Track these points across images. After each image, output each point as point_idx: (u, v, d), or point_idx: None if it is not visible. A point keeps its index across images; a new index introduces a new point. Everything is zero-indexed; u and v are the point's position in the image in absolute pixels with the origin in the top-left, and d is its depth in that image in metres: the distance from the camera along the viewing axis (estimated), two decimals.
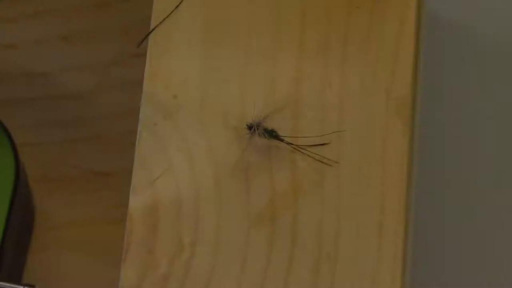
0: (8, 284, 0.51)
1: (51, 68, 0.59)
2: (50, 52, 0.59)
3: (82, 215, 0.57)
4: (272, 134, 0.46)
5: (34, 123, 0.56)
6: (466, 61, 0.61)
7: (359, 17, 0.47)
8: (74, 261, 0.56)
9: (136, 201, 0.45)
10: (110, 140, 0.52)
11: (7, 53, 0.59)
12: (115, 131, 0.53)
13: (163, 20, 0.47)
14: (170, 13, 0.47)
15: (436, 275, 0.61)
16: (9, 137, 0.53)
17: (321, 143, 0.45)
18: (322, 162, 0.45)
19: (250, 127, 0.46)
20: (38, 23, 0.60)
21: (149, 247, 0.44)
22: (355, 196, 0.45)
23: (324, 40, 0.47)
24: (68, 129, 0.58)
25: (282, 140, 0.45)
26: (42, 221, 0.57)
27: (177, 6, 0.47)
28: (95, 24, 0.59)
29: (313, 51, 0.47)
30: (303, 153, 0.45)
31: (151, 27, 0.48)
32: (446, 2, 0.60)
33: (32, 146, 0.55)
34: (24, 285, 0.51)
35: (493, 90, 0.62)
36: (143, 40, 0.48)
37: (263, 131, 0.46)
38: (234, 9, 0.48)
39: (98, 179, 0.56)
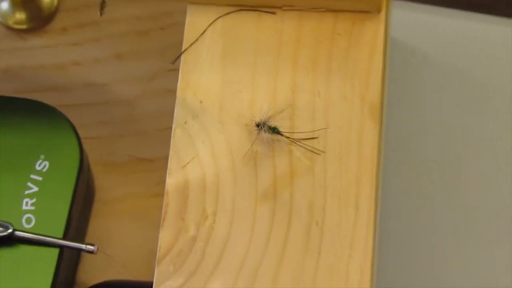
0: (74, 243, 0.50)
1: (107, 80, 0.59)
2: (106, 68, 0.58)
3: (131, 191, 0.57)
4: (274, 131, 0.45)
5: (94, 122, 0.56)
6: (418, 75, 0.61)
7: (340, 42, 0.47)
8: (124, 226, 0.56)
9: (171, 181, 0.45)
10: (152, 134, 0.54)
11: (74, 69, 0.58)
12: (156, 127, 0.54)
13: (191, 44, 0.46)
14: (196, 39, 0.46)
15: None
16: (75, 132, 0.52)
17: (311, 137, 0.44)
18: (312, 151, 0.45)
19: (257, 125, 0.45)
20: (98, 45, 0.59)
21: (181, 215, 0.44)
22: (337, 177, 0.44)
23: (314, 59, 0.47)
24: (120, 126, 0.58)
25: (282, 135, 0.45)
26: (100, 195, 0.57)
27: (202, 33, 0.46)
28: (141, 46, 0.59)
29: (305, 68, 0.46)
30: (298, 144, 0.45)
31: (183, 49, 0.47)
32: (403, 31, 0.60)
33: (92, 139, 0.56)
34: (86, 244, 0.50)
35: (439, 96, 0.61)
36: (176, 59, 0.48)
37: (267, 128, 0.45)
38: (244, 36, 0.47)
39: (143, 164, 0.56)
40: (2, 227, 0.50)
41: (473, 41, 0.62)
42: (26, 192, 0.52)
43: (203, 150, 0.46)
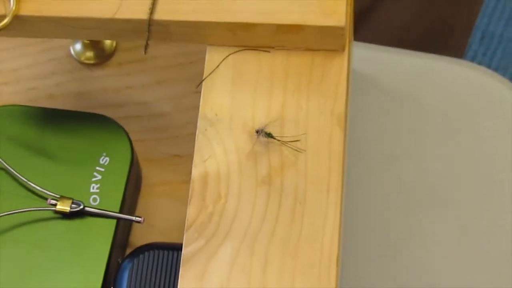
0: (127, 216, 0.50)
1: (150, 99, 0.60)
2: (150, 90, 0.59)
3: (167, 179, 0.58)
4: (269, 135, 0.45)
5: (140, 129, 0.57)
6: (371, 96, 0.61)
7: (316, 71, 0.46)
8: (163, 204, 0.57)
9: (195, 172, 0.44)
10: (182, 138, 0.55)
11: (127, 91, 0.58)
12: (185, 133, 0.55)
13: (209, 74, 0.46)
14: (213, 70, 0.46)
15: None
16: (127, 136, 0.54)
17: (296, 140, 0.44)
18: (296, 150, 0.45)
19: (257, 132, 0.45)
20: (143, 74, 0.60)
21: (202, 196, 0.44)
22: (314, 169, 0.44)
23: (297, 84, 0.46)
24: (159, 132, 0.59)
25: (274, 138, 0.45)
26: (146, 182, 0.58)
27: (217, 66, 0.46)
28: (175, 75, 0.60)
29: (291, 90, 0.45)
30: (286, 145, 0.45)
31: (203, 77, 0.47)
32: (361, 64, 0.60)
33: (140, 141, 0.56)
34: (135, 216, 0.51)
35: (385, 112, 0.61)
36: (199, 84, 0.48)
37: (264, 134, 0.45)
38: (248, 68, 0.45)
39: (176, 159, 0.57)
40: (75, 204, 0.50)
41: (413, 72, 0.62)
42: (93, 179, 0.52)
43: (218, 149, 0.46)
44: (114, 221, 0.51)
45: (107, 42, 0.61)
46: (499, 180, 0.60)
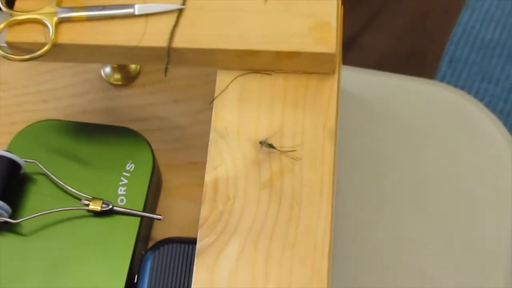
0: (149, 214, 0.51)
1: (169, 114, 0.59)
2: (169, 107, 0.59)
3: (184, 182, 0.57)
4: (271, 146, 0.45)
5: (161, 140, 0.57)
6: (357, 112, 0.61)
7: (311, 91, 0.46)
8: (180, 204, 0.56)
9: (208, 177, 0.44)
10: (197, 147, 0.53)
11: (149, 108, 0.58)
12: (199, 143, 0.52)
13: (220, 93, 0.46)
14: (223, 90, 0.46)
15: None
16: (150, 146, 0.54)
17: (293, 150, 0.44)
18: (293, 158, 0.45)
19: (260, 143, 0.45)
20: (163, 93, 0.59)
21: (214, 198, 0.44)
22: (309, 174, 0.44)
23: (295, 102, 0.46)
24: (178, 142, 0.59)
25: (275, 148, 0.45)
26: (165, 185, 0.57)
27: (226, 87, 0.46)
28: (190, 93, 0.60)
29: (289, 107, 0.45)
30: (285, 154, 0.45)
31: (215, 96, 0.47)
32: (348, 84, 0.60)
33: (161, 150, 0.56)
34: (156, 214, 0.51)
35: (369, 123, 0.61)
36: (211, 102, 0.48)
37: (266, 144, 0.45)
38: (252, 88, 0.47)
39: (191, 165, 0.57)
40: (105, 204, 0.51)
41: (393, 91, 0.62)
42: (120, 183, 0.52)
43: (227, 158, 0.46)
44: (138, 218, 0.51)
45: (132, 66, 0.60)
46: (464, 181, 0.60)
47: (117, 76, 0.60)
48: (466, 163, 0.60)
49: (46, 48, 0.47)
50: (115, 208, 0.51)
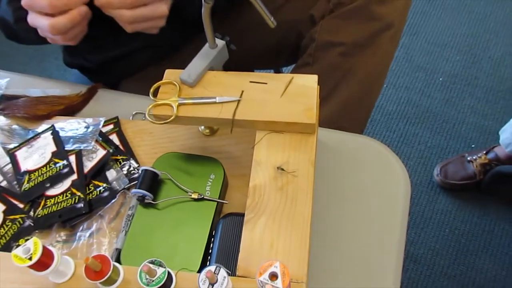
0: (219, 199, 0.49)
1: (232, 150, 0.57)
2: (232, 146, 0.58)
3: (239, 184, 0.54)
4: (282, 169, 0.45)
5: (228, 163, 0.54)
6: (325, 152, 0.59)
7: (303, 141, 0.47)
8: (237, 195, 0.53)
9: (251, 184, 0.45)
10: (247, 167, 0.48)
11: (223, 147, 0.59)
12: (247, 165, 0.48)
13: (257, 143, 0.47)
14: (258, 141, 0.47)
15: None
16: (222, 166, 0.53)
17: (293, 171, 0.44)
18: (293, 176, 0.45)
19: (277, 168, 0.45)
20: (229, 139, 0.59)
21: (253, 194, 0.45)
22: (301, 184, 0.44)
23: (294, 147, 0.47)
24: (236, 164, 0.56)
25: (284, 170, 0.45)
26: (230, 185, 0.54)
27: (260, 139, 0.47)
28: (244, 140, 0.58)
29: (292, 150, 0.47)
30: (289, 174, 0.45)
31: (255, 143, 0.48)
32: (323, 137, 0.59)
33: (228, 168, 0.54)
34: (224, 200, 0.52)
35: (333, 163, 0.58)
36: (253, 146, 0.49)
37: (280, 168, 0.45)
38: (271, 141, 0.47)
39: (243, 176, 0.53)
40: (200, 195, 0.49)
41: (341, 141, 0.58)
42: (207, 184, 0.51)
43: (260, 174, 0.47)
44: (215, 202, 0.51)
45: (215, 126, 0.59)
46: (373, 189, 0.54)
47: (207, 130, 0.60)
48: (375, 179, 0.57)
49: (172, 118, 0.50)
50: (205, 197, 0.50)
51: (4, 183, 0.54)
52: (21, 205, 0.52)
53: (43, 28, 0.48)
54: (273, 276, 0.34)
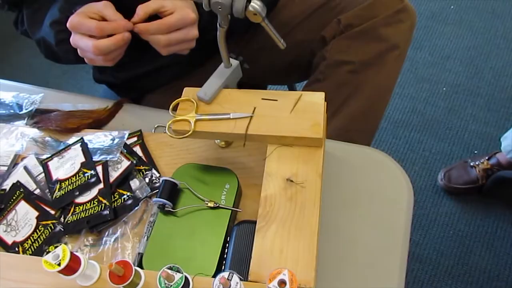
0: (235, 208, 0.50)
1: (245, 161, 0.56)
2: (246, 158, 0.57)
3: (252, 193, 0.53)
4: (291, 181, 0.45)
5: (241, 173, 0.53)
6: (335, 166, 0.57)
7: (310, 154, 0.47)
8: (250, 203, 0.52)
9: (262, 194, 0.45)
10: (259, 177, 0.47)
11: (237, 158, 0.59)
12: (259, 176, 0.48)
13: (268, 155, 0.47)
14: (269, 154, 0.47)
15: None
16: (236, 176, 0.53)
17: (302, 182, 0.44)
18: (302, 186, 0.44)
19: (287, 179, 0.45)
20: (243, 151, 0.58)
21: (264, 204, 0.44)
22: (309, 194, 0.44)
23: (303, 160, 0.46)
24: (251, 174, 0.55)
25: (293, 182, 0.45)
26: (243, 194, 0.53)
27: (271, 152, 0.47)
28: (256, 152, 0.57)
29: (301, 162, 0.46)
30: (298, 184, 0.45)
31: (266, 156, 0.48)
32: (330, 148, 0.58)
33: (242, 178, 0.54)
34: (238, 209, 0.52)
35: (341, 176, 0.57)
36: (265, 158, 0.49)
37: (289, 180, 0.45)
38: (283, 153, 0.47)
39: (255, 186, 0.52)
40: (215, 203, 0.49)
41: (350, 152, 0.57)
42: (223, 193, 0.51)
43: (271, 185, 0.46)
44: (230, 210, 0.50)
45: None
46: (379, 197, 0.53)
47: (223, 143, 0.60)
48: (379, 188, 0.56)
49: (190, 133, 0.51)
50: (220, 205, 0.50)
51: (37, 191, 0.55)
52: (52, 212, 0.52)
53: (86, 48, 0.49)
54: (282, 283, 0.34)
